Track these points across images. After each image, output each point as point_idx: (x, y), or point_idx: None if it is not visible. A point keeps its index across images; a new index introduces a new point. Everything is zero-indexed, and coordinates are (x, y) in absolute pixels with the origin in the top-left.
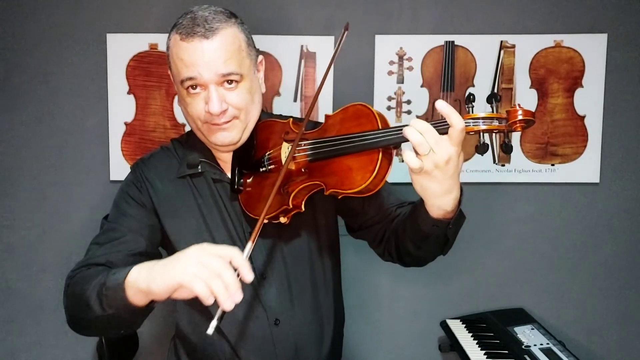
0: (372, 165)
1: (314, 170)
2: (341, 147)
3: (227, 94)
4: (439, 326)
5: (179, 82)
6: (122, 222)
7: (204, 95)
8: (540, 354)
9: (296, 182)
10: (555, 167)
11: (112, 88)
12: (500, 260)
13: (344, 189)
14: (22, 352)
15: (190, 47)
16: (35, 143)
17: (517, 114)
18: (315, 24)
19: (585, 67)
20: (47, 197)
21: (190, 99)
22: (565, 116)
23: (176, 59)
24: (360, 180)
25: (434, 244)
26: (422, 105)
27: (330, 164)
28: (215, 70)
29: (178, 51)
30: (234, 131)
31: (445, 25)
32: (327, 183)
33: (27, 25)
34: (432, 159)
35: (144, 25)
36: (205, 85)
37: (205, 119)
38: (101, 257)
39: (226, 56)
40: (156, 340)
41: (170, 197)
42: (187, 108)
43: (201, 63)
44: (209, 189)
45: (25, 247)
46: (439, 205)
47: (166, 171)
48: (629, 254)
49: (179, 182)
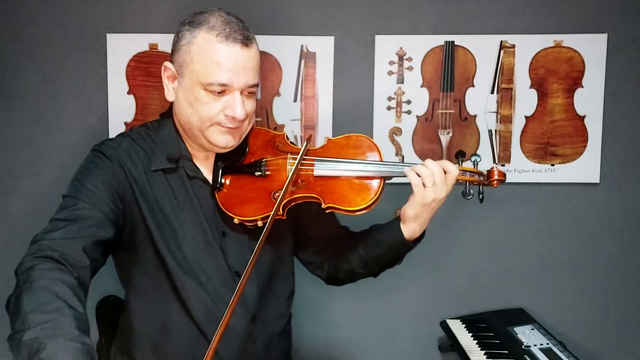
0: (373, 190)
1: (313, 185)
2: (349, 169)
3: (246, 102)
4: (439, 326)
5: (203, 82)
6: (90, 199)
7: (226, 99)
8: (540, 354)
9: (292, 191)
10: (555, 167)
11: (112, 88)
12: (500, 260)
13: (343, 206)
14: None
15: (231, 53)
16: (35, 143)
17: (494, 175)
18: (315, 24)
19: (585, 67)
20: (47, 197)
21: (209, 99)
22: (565, 116)
23: (207, 59)
24: (360, 201)
25: (385, 262)
26: (422, 106)
27: (334, 182)
28: (246, 79)
29: (213, 52)
30: (237, 136)
31: (445, 25)
32: (325, 198)
33: (27, 25)
34: (435, 193)
35: (144, 25)
36: (230, 92)
37: (218, 121)
38: (58, 244)
39: (256, 67)
40: None
41: (144, 187)
42: (200, 107)
43: (237, 71)
44: (183, 185)
45: (25, 248)
46: (414, 229)
47: (137, 161)
48: (629, 254)
49: (151, 174)
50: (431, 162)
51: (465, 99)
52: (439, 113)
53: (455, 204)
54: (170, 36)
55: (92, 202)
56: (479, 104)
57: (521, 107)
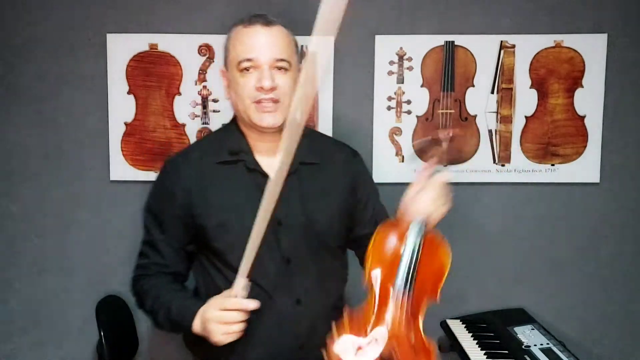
0: (443, 251)
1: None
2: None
3: (276, 75)
4: (439, 326)
5: (236, 64)
6: (161, 237)
7: (256, 74)
8: (540, 354)
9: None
10: (555, 167)
11: (112, 88)
12: (500, 260)
13: (442, 279)
14: (23, 352)
15: (250, 31)
16: (35, 143)
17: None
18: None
19: (585, 67)
20: (47, 197)
21: (243, 80)
22: (566, 116)
23: (236, 43)
24: (446, 261)
25: None
26: (422, 106)
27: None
28: (270, 53)
29: (238, 36)
30: (278, 115)
31: (445, 25)
32: (430, 293)
33: (27, 26)
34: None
35: (144, 25)
36: (259, 67)
37: (255, 98)
38: (151, 268)
39: (281, 44)
40: (156, 340)
41: (205, 180)
42: (239, 89)
43: (260, 45)
44: (243, 177)
45: (26, 247)
46: None
47: (205, 158)
48: (629, 254)
49: (215, 167)
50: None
51: (466, 99)
52: (439, 113)
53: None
54: (170, 36)
55: (168, 243)
56: (479, 104)
57: (521, 107)
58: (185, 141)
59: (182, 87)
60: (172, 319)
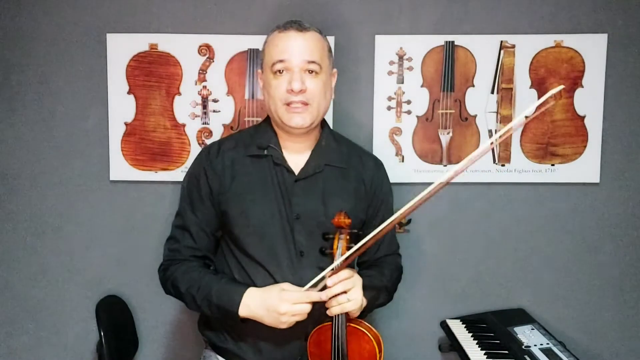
0: (367, 339)
1: None
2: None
3: (307, 79)
4: (439, 326)
5: (270, 66)
6: (194, 220)
7: (288, 77)
8: (540, 354)
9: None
10: (555, 167)
11: (112, 88)
12: (500, 260)
13: None
14: (22, 352)
15: (284, 36)
16: (35, 143)
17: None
18: (315, 24)
19: (585, 67)
20: (47, 197)
21: (275, 82)
22: (565, 116)
23: (271, 47)
24: (373, 348)
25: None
26: (422, 106)
27: None
28: (302, 57)
29: (273, 40)
30: (306, 116)
31: (445, 25)
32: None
33: (27, 26)
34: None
35: (144, 25)
36: (291, 70)
37: (285, 99)
38: (182, 252)
39: (313, 47)
40: (156, 339)
41: (234, 169)
42: (271, 90)
43: (292, 49)
44: (269, 170)
45: (25, 247)
46: None
47: (237, 149)
48: (629, 254)
49: (244, 159)
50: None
51: (466, 99)
52: (439, 113)
53: (455, 205)
54: (170, 36)
55: (200, 226)
56: (479, 104)
57: (521, 107)
58: (185, 141)
59: (182, 87)
60: (213, 303)
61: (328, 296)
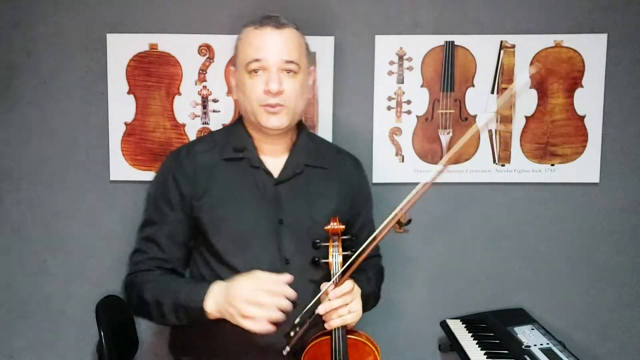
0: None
1: None
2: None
3: (284, 79)
4: (439, 326)
5: (245, 65)
6: (162, 230)
7: (265, 77)
8: (540, 354)
9: None
10: (555, 167)
11: (112, 88)
12: (500, 260)
13: None
14: (22, 352)
15: (261, 33)
16: (35, 143)
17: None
18: (315, 24)
19: (585, 67)
20: (47, 197)
21: (251, 82)
22: (565, 116)
23: (245, 45)
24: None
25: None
26: (422, 106)
27: None
28: (279, 55)
29: (248, 37)
30: (283, 117)
31: (445, 25)
32: None
33: (27, 26)
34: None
35: (144, 25)
36: (267, 69)
37: (262, 101)
38: (148, 264)
39: (291, 46)
40: (156, 340)
41: (207, 173)
42: (247, 91)
43: (269, 47)
44: (247, 174)
45: (25, 247)
46: None
47: (211, 152)
48: (629, 254)
49: (220, 163)
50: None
51: (466, 99)
52: (439, 113)
53: (454, 205)
54: (170, 36)
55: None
56: (479, 104)
57: (521, 107)
58: (185, 141)
59: (182, 87)
60: (180, 305)
61: (326, 310)
